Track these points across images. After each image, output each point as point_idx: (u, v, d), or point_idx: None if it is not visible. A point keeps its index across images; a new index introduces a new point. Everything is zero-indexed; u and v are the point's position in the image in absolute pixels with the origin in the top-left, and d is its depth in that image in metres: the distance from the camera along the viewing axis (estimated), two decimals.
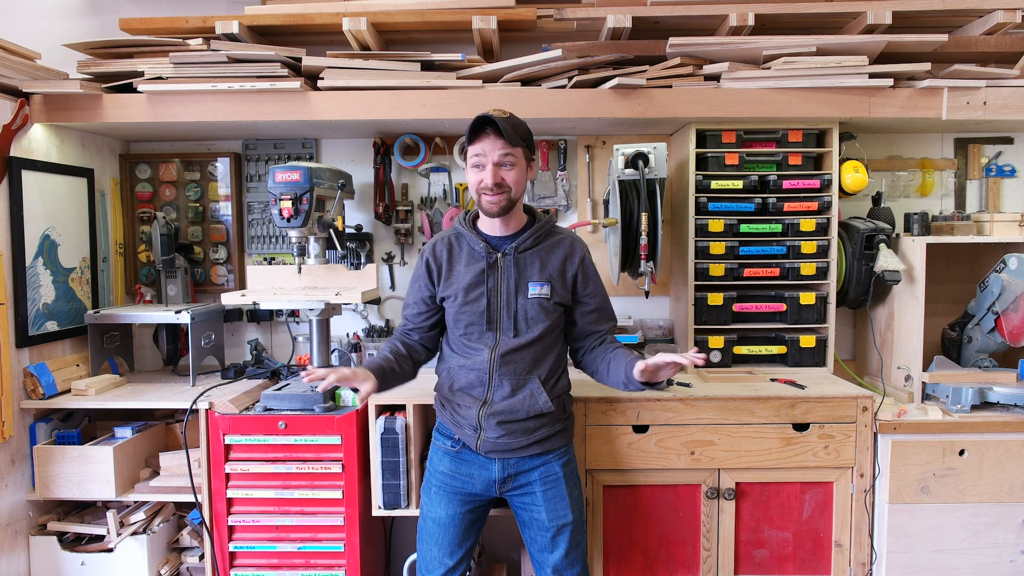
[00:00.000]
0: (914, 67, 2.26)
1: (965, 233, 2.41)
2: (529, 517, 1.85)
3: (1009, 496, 2.18)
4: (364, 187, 2.77)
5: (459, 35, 2.55)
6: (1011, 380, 2.25)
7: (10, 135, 2.20)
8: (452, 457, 1.86)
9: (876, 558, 2.21)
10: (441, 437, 1.89)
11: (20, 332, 2.21)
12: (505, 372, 1.78)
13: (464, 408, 1.81)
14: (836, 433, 2.16)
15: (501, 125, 1.68)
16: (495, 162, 1.72)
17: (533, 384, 1.79)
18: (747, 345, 2.49)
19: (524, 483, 1.83)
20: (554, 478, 1.83)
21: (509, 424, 1.78)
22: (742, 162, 2.42)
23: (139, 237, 2.80)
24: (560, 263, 1.82)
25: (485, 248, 1.80)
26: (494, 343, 1.79)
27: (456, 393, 1.83)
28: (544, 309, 1.79)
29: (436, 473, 1.88)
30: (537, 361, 1.81)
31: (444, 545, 1.85)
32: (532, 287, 1.79)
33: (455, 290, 1.81)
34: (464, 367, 1.82)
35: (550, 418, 1.82)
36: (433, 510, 1.87)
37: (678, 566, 2.23)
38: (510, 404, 1.77)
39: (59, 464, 2.22)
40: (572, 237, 1.88)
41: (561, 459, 1.85)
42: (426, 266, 1.87)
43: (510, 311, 1.78)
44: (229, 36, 2.37)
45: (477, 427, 1.79)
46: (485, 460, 1.82)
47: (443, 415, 1.88)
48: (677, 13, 2.32)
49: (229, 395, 2.22)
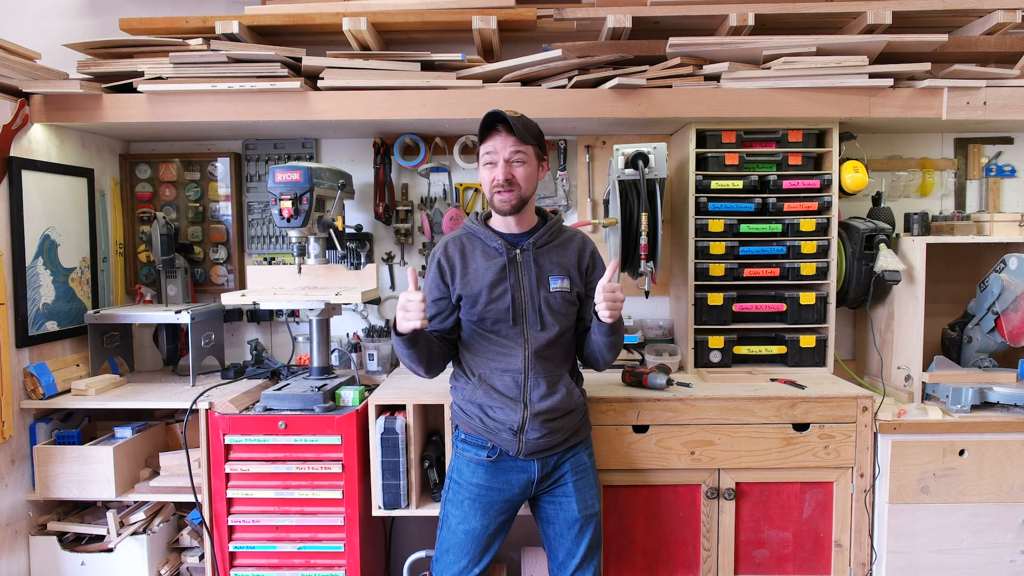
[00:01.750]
0: (914, 67, 2.26)
1: (965, 233, 2.41)
2: (556, 511, 1.85)
3: (1009, 496, 2.18)
4: (364, 187, 2.77)
5: (459, 35, 2.55)
6: (1011, 380, 2.25)
7: (10, 135, 2.20)
8: (487, 468, 1.82)
9: (876, 558, 2.21)
10: (470, 448, 1.85)
11: (20, 332, 2.21)
12: (540, 370, 1.80)
13: (500, 412, 1.78)
14: (836, 433, 2.16)
15: (512, 122, 1.70)
16: (506, 159, 1.73)
17: (566, 379, 1.83)
18: (747, 345, 2.49)
19: (558, 476, 1.85)
20: (583, 468, 1.87)
21: (552, 423, 1.79)
22: (742, 162, 2.42)
23: (139, 237, 2.80)
24: (575, 257, 1.85)
25: (503, 245, 1.80)
26: (524, 341, 1.79)
27: (489, 397, 1.79)
28: (567, 302, 1.82)
29: (469, 486, 1.84)
30: (565, 355, 1.86)
31: (475, 555, 1.83)
32: (553, 281, 1.81)
33: (477, 288, 1.79)
34: (497, 370, 1.80)
35: (580, 410, 1.87)
36: (466, 521, 1.83)
37: (678, 566, 2.23)
38: (551, 403, 1.78)
39: (59, 464, 2.22)
40: (581, 234, 1.92)
41: (587, 448, 1.91)
42: (438, 267, 1.84)
43: (535, 305, 1.80)
44: (229, 36, 2.37)
45: (518, 430, 1.77)
46: (524, 463, 1.81)
47: (471, 424, 1.84)
48: (677, 13, 2.32)
49: (229, 395, 2.22)
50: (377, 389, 2.27)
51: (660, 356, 2.50)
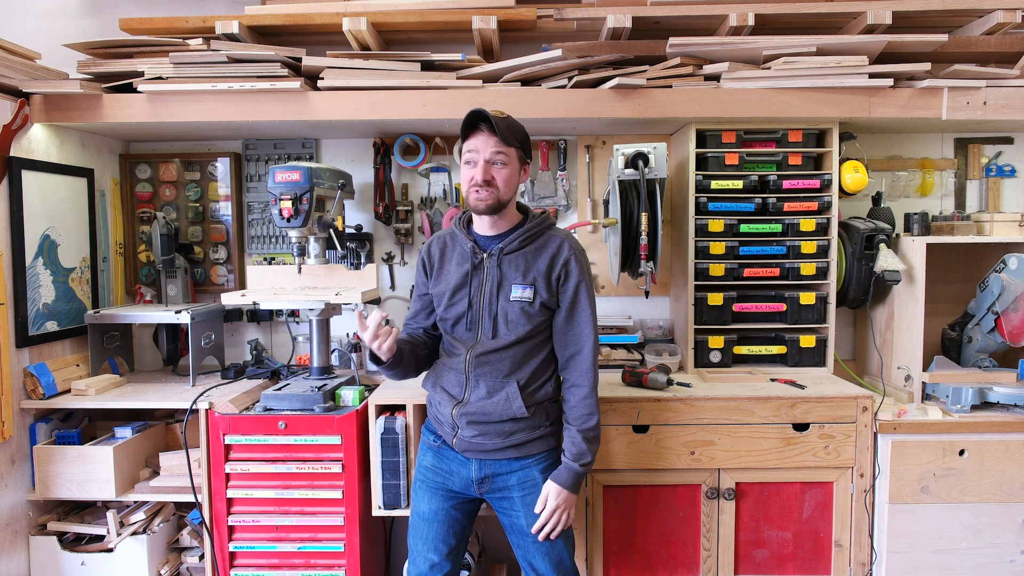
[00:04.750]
0: (914, 67, 2.26)
1: (965, 233, 2.41)
2: (509, 522, 1.85)
3: (1009, 496, 2.18)
4: (364, 187, 2.77)
5: (459, 35, 2.55)
6: (1011, 380, 2.25)
7: (10, 135, 2.20)
8: (434, 452, 1.87)
9: (876, 558, 2.21)
10: (427, 432, 1.92)
11: (20, 332, 2.21)
12: (481, 374, 1.77)
13: (443, 405, 1.82)
14: (836, 433, 2.16)
15: (495, 122, 1.67)
16: (487, 159, 1.71)
17: (510, 388, 1.75)
18: (747, 345, 2.49)
19: (502, 487, 1.81)
20: (532, 484, 1.79)
21: (482, 424, 1.77)
22: (742, 162, 2.42)
23: (139, 237, 2.80)
24: (546, 266, 1.76)
25: (472, 248, 1.79)
26: (473, 343, 1.79)
27: (438, 390, 1.84)
28: (526, 313, 1.75)
29: (420, 468, 1.90)
30: (518, 365, 1.77)
31: (428, 540, 1.85)
32: (515, 289, 1.75)
33: (442, 290, 1.82)
34: (446, 365, 1.84)
35: (528, 424, 1.78)
36: (418, 505, 1.88)
37: (678, 566, 2.23)
38: (483, 406, 1.76)
39: (59, 464, 2.22)
40: (561, 240, 1.80)
41: (541, 464, 1.81)
42: (422, 263, 1.89)
43: (491, 312, 1.76)
44: (229, 36, 2.37)
45: (454, 425, 1.79)
46: (464, 459, 1.82)
47: (429, 411, 1.91)
48: (677, 13, 2.32)
49: (229, 395, 2.22)
50: (377, 389, 2.27)
51: (660, 356, 2.50)
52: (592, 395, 1.77)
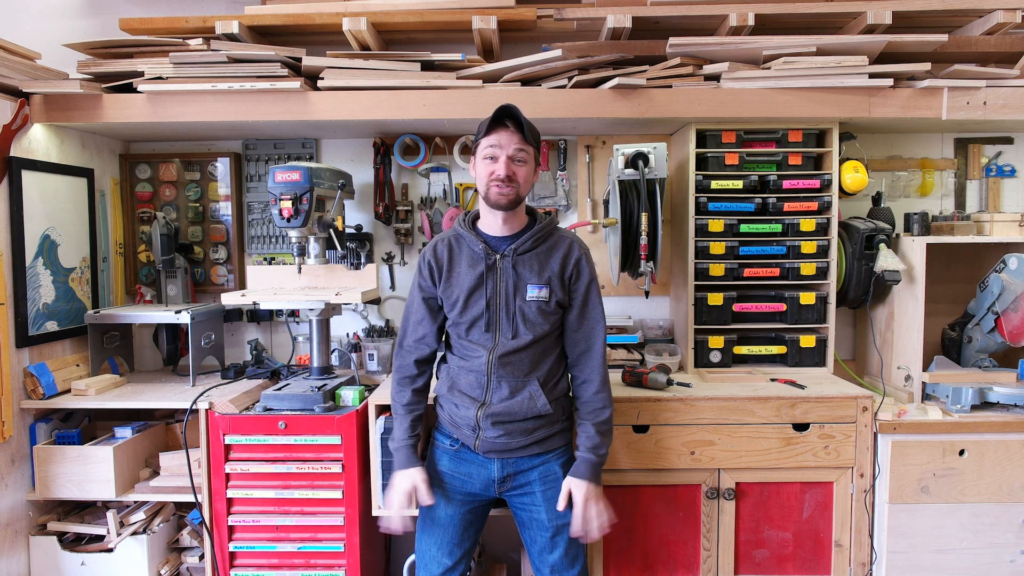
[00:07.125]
0: (914, 67, 2.26)
1: (965, 233, 2.41)
2: (528, 517, 1.86)
3: (1009, 496, 2.18)
4: (364, 187, 2.77)
5: (459, 35, 2.55)
6: (1011, 380, 2.25)
7: (10, 135, 2.20)
8: (451, 456, 1.86)
9: (876, 558, 2.21)
10: (441, 437, 1.90)
11: (20, 332, 2.21)
12: (504, 374, 1.78)
13: (463, 408, 1.81)
14: (836, 433, 2.16)
15: (522, 120, 1.71)
16: (510, 155, 1.72)
17: (532, 386, 1.79)
18: (747, 345, 2.49)
19: (523, 483, 1.83)
20: (553, 478, 1.83)
21: (507, 424, 1.78)
22: (742, 162, 2.42)
23: (139, 237, 2.80)
24: (559, 265, 1.80)
25: (484, 250, 1.79)
26: (493, 345, 1.79)
27: (455, 394, 1.83)
28: (543, 312, 1.78)
29: (436, 473, 1.89)
30: (536, 363, 1.80)
31: (443, 544, 1.86)
32: (531, 289, 1.78)
33: (457, 294, 1.80)
34: (463, 368, 1.82)
35: (548, 419, 1.82)
36: (432, 509, 1.87)
37: (678, 566, 2.23)
38: (508, 406, 1.77)
39: (59, 464, 2.22)
40: (571, 239, 1.85)
41: (560, 459, 1.86)
42: (428, 268, 1.85)
43: (509, 313, 1.78)
44: (229, 36, 2.37)
45: (476, 427, 1.79)
46: (484, 460, 1.83)
47: (442, 415, 1.89)
48: (677, 13, 2.32)
49: (229, 395, 2.22)
50: (377, 389, 2.28)
51: (660, 356, 2.50)
52: (604, 389, 1.83)
